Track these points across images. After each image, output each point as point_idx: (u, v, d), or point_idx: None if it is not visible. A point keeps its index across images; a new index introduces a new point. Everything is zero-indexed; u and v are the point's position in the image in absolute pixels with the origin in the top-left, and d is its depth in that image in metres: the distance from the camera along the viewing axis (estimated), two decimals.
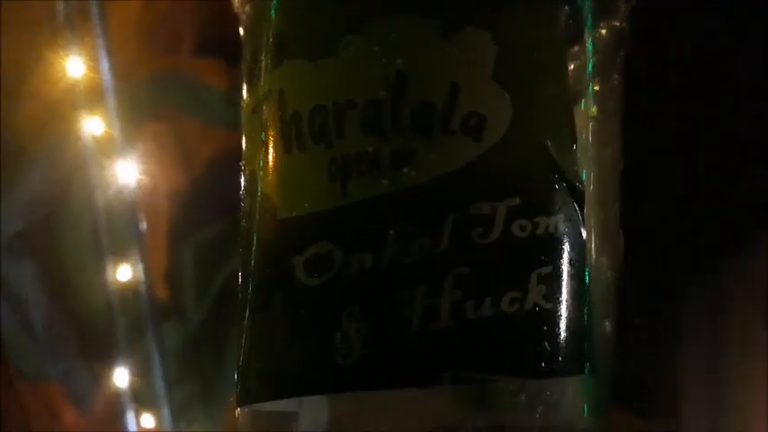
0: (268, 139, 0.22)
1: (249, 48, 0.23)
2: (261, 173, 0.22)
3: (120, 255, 0.72)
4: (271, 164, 0.22)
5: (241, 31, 0.24)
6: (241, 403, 0.22)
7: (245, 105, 0.23)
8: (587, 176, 0.22)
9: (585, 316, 0.21)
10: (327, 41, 0.21)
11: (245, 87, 0.23)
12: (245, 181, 0.23)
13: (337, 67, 0.21)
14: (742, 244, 0.48)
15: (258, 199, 0.22)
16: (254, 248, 0.22)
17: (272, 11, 0.22)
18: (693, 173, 0.49)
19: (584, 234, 0.21)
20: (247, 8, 0.23)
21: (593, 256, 0.22)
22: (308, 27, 0.21)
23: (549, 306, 0.20)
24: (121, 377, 0.72)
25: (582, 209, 0.21)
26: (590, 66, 0.22)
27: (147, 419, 0.72)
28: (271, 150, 0.22)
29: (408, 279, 0.20)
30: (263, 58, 0.22)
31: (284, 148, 0.21)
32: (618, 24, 0.23)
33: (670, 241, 0.49)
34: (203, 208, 0.71)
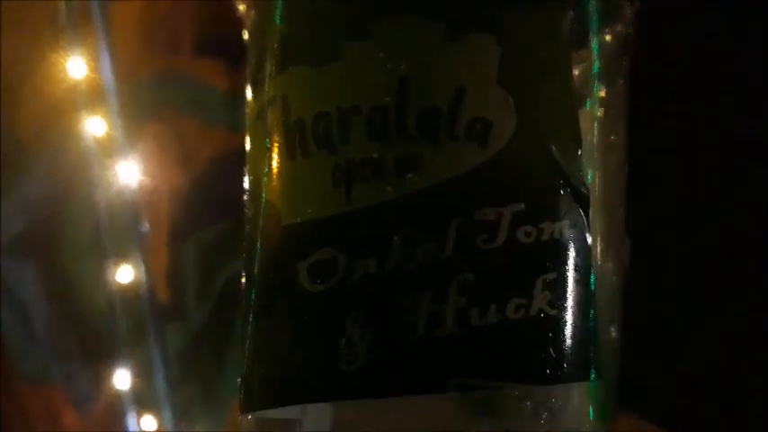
0: (272, 145, 0.22)
1: (254, 53, 0.23)
2: (265, 179, 0.22)
3: (121, 255, 0.72)
4: (275, 170, 0.21)
5: (245, 35, 0.24)
6: (244, 410, 0.22)
7: (249, 111, 0.23)
8: (592, 180, 0.22)
9: (591, 322, 0.21)
10: (331, 47, 0.21)
11: (249, 92, 0.23)
12: (250, 186, 0.23)
13: (341, 72, 0.20)
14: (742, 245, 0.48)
15: (262, 205, 0.22)
16: (257, 254, 0.22)
17: (278, 17, 0.22)
18: (693, 172, 0.49)
19: (589, 239, 0.21)
20: (252, 13, 0.23)
21: (599, 261, 0.22)
22: (312, 33, 0.21)
23: (554, 312, 0.20)
24: (122, 379, 0.72)
25: (587, 214, 0.21)
26: (595, 70, 0.22)
27: (149, 421, 0.72)
28: (275, 156, 0.21)
29: (413, 285, 0.20)
30: (267, 64, 0.22)
31: (288, 155, 0.21)
32: (623, 30, 0.23)
33: (670, 241, 0.48)
34: (205, 208, 0.71)
